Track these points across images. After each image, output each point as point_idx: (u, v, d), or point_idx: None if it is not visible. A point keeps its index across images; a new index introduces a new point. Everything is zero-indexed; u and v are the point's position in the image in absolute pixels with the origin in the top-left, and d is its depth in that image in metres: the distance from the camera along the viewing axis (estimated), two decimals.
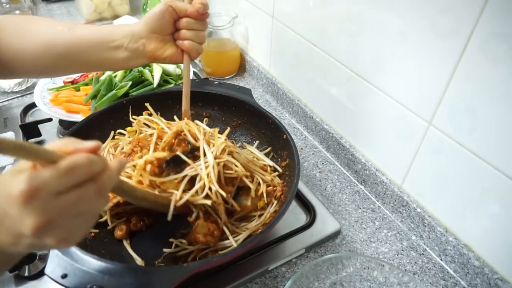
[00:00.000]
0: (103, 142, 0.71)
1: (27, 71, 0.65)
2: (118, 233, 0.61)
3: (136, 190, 0.52)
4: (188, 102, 0.68)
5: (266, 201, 0.63)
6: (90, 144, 0.35)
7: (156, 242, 0.61)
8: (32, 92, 0.92)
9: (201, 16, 0.62)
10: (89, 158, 0.33)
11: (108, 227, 0.62)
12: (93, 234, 0.61)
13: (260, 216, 0.62)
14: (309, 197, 0.72)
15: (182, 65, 1.03)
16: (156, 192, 0.55)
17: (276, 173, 0.69)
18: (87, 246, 0.57)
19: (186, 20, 0.61)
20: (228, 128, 0.66)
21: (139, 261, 0.58)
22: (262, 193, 0.63)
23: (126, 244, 0.60)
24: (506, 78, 0.48)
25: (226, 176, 0.59)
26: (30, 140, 0.85)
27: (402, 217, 0.71)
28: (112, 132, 0.72)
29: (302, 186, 0.74)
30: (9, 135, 0.86)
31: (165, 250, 0.59)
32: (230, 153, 0.61)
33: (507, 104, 0.49)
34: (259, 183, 0.64)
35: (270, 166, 0.70)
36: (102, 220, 0.62)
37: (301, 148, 0.88)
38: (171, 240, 0.60)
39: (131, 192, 0.50)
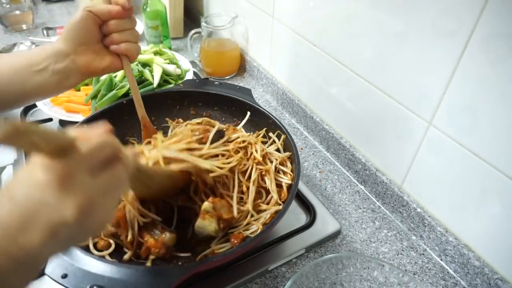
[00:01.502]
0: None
1: None
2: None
3: (151, 168, 0.50)
4: (143, 108, 0.66)
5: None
6: (104, 127, 0.35)
7: None
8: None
9: (128, 13, 0.56)
10: (110, 136, 0.34)
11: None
12: None
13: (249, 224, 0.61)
14: (309, 197, 0.72)
15: (182, 65, 1.03)
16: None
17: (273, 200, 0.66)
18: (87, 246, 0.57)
19: (114, 22, 0.56)
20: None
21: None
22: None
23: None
24: (506, 78, 0.48)
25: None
26: None
27: (402, 217, 0.71)
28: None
29: (302, 186, 0.74)
30: None
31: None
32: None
33: (507, 104, 0.49)
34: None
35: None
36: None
37: (301, 148, 0.88)
38: None
39: (148, 172, 0.48)
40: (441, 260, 0.65)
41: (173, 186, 0.57)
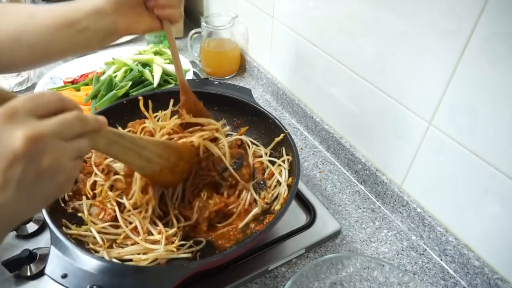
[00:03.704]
0: None
1: None
2: None
3: (140, 136, 0.50)
4: (182, 72, 0.65)
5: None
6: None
7: None
8: (32, 92, 0.92)
9: None
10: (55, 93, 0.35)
11: None
12: None
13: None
14: (309, 197, 0.72)
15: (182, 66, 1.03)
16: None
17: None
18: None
19: None
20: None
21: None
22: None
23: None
24: (506, 78, 0.48)
25: None
26: None
27: (402, 217, 0.71)
28: None
29: (302, 186, 0.74)
30: None
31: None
32: None
33: (507, 104, 0.49)
34: None
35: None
36: None
37: (301, 148, 0.88)
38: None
39: (136, 140, 0.48)
40: (441, 260, 0.65)
41: (181, 159, 0.57)
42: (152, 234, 0.57)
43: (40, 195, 0.33)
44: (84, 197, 0.62)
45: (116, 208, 0.59)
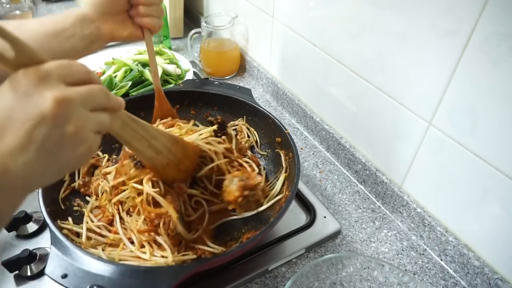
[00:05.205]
0: (103, 142, 0.71)
1: None
2: None
3: (152, 126, 0.52)
4: (159, 80, 0.69)
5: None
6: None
7: None
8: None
9: None
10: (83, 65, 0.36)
11: None
12: None
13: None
14: (309, 197, 0.72)
15: (182, 65, 1.03)
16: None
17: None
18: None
19: None
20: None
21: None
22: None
23: None
24: (507, 78, 0.48)
25: None
26: None
27: (402, 217, 0.71)
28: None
29: (302, 186, 0.74)
30: None
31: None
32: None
33: (508, 104, 0.49)
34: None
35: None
36: None
37: (301, 148, 0.88)
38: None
39: (148, 127, 0.50)
40: (441, 260, 0.65)
41: (186, 156, 0.59)
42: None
43: (59, 163, 0.33)
44: (94, 196, 0.64)
45: (117, 217, 0.58)
